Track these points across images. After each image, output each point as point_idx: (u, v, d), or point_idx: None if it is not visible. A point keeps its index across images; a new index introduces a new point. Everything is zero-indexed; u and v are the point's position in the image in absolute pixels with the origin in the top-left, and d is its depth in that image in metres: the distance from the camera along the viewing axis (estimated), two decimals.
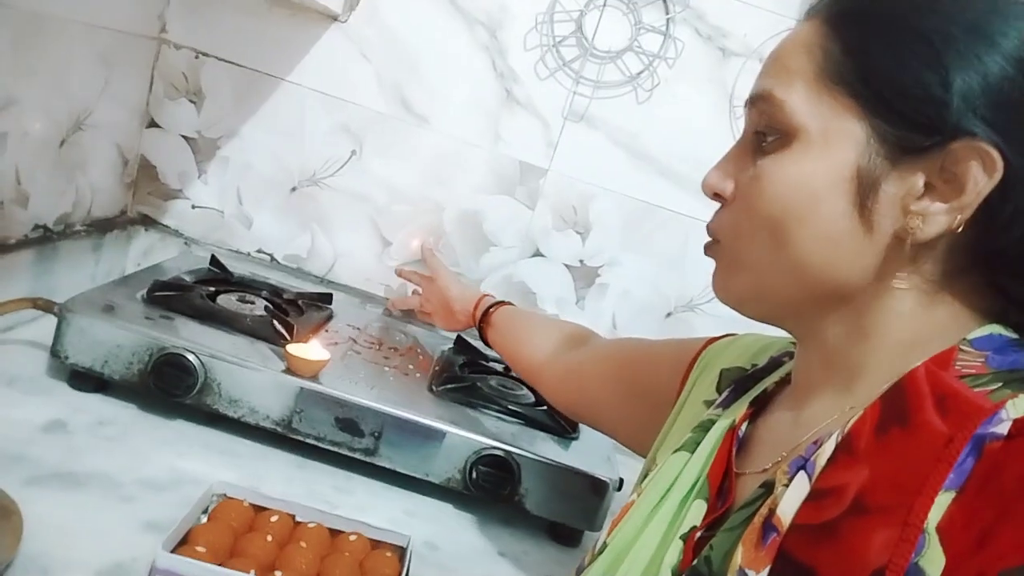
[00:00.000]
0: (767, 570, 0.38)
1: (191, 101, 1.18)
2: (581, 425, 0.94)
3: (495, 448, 0.84)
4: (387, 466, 0.85)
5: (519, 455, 0.84)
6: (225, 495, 0.70)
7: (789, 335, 0.52)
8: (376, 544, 0.71)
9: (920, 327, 0.43)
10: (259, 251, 1.22)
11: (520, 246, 1.21)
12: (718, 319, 1.19)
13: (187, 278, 1.00)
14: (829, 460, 0.40)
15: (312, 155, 1.19)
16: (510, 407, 0.94)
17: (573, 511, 0.86)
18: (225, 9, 1.15)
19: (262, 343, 0.90)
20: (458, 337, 1.13)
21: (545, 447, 0.88)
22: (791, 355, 0.58)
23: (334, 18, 1.14)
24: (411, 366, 1.00)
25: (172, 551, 0.59)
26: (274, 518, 0.68)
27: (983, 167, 0.40)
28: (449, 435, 0.85)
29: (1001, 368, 0.39)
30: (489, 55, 1.16)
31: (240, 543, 0.65)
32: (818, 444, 0.42)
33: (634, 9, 1.13)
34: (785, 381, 0.55)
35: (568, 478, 0.85)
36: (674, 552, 0.46)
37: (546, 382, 0.85)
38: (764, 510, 0.41)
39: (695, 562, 0.43)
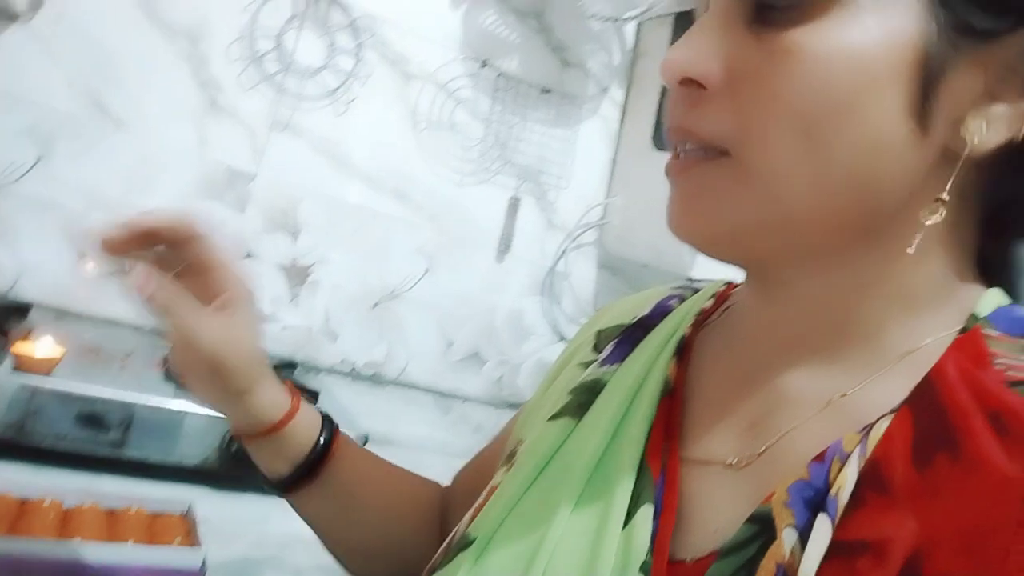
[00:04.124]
0: None
1: None
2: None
3: None
4: (137, 456, 0.85)
5: None
6: None
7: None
8: (157, 515, 0.73)
9: (910, 279, 0.35)
10: None
11: (230, 250, 1.25)
12: (419, 305, 1.37)
13: None
14: (853, 497, 0.30)
15: None
16: None
17: None
18: None
19: None
20: None
21: None
22: (681, 298, 0.48)
23: (13, 17, 1.08)
24: (141, 363, 0.99)
25: None
26: (46, 503, 0.67)
27: None
28: (201, 416, 0.88)
29: None
30: (191, 64, 1.19)
31: (17, 529, 0.63)
32: (824, 461, 0.32)
33: (329, 32, 1.27)
34: (701, 325, 0.44)
35: None
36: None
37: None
38: (770, 565, 0.30)
39: None
